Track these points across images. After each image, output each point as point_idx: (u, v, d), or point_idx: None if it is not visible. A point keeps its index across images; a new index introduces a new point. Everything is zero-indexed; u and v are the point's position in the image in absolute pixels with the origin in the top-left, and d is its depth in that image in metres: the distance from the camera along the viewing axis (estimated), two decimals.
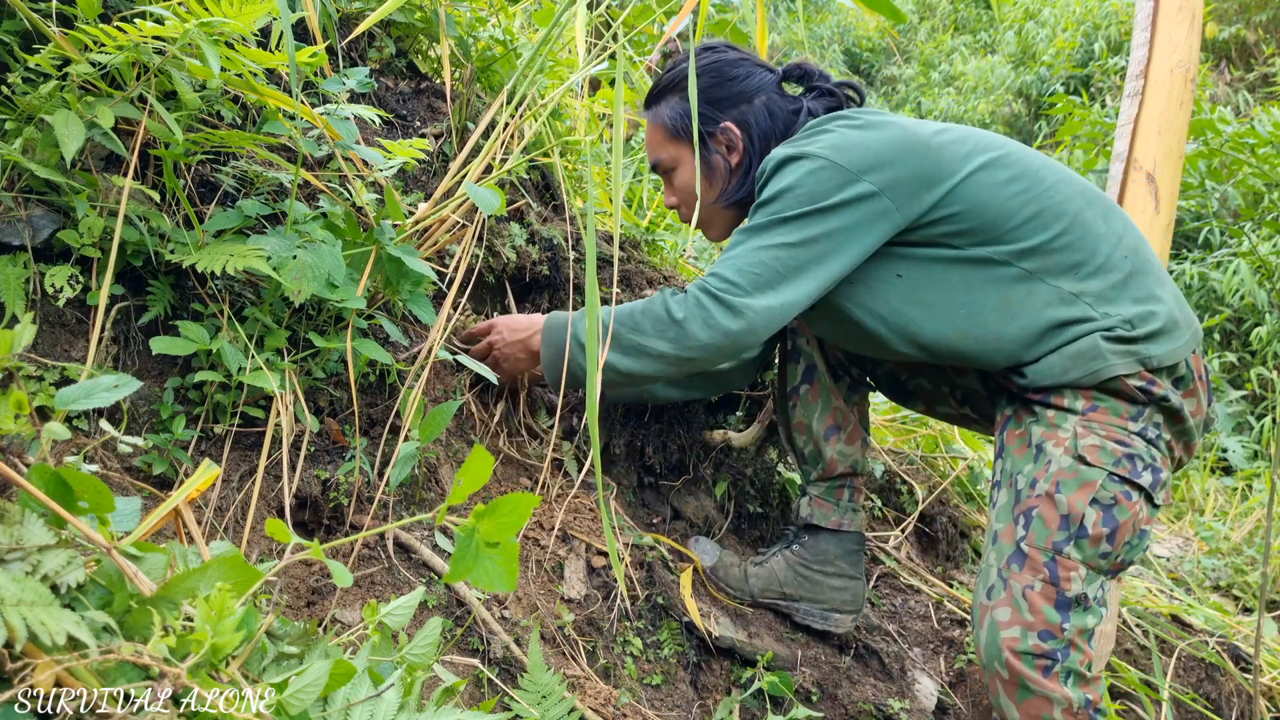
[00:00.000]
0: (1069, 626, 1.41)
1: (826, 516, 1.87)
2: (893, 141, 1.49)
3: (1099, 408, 1.46)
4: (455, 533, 0.86)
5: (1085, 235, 1.49)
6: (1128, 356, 1.44)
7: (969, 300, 1.49)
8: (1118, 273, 1.49)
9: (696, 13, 1.77)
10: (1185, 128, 1.94)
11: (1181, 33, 1.94)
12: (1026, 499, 1.47)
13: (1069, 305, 1.47)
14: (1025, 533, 1.46)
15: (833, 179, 1.46)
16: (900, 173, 1.47)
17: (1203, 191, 6.04)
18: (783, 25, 9.61)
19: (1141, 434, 1.45)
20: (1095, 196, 1.56)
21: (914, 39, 12.23)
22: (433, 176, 1.85)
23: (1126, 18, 9.03)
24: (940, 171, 1.48)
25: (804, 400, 1.87)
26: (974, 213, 1.48)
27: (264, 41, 1.45)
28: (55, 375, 1.21)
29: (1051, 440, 1.47)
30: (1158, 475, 1.46)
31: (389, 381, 1.58)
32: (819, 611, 1.85)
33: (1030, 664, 1.41)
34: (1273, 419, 4.73)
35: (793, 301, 1.47)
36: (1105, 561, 1.44)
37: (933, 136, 1.52)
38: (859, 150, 1.48)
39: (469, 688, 1.40)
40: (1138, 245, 1.54)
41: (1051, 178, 1.53)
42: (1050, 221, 1.48)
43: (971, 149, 1.52)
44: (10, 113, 1.22)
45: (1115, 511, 1.43)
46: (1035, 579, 1.43)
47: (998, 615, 1.44)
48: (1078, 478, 1.43)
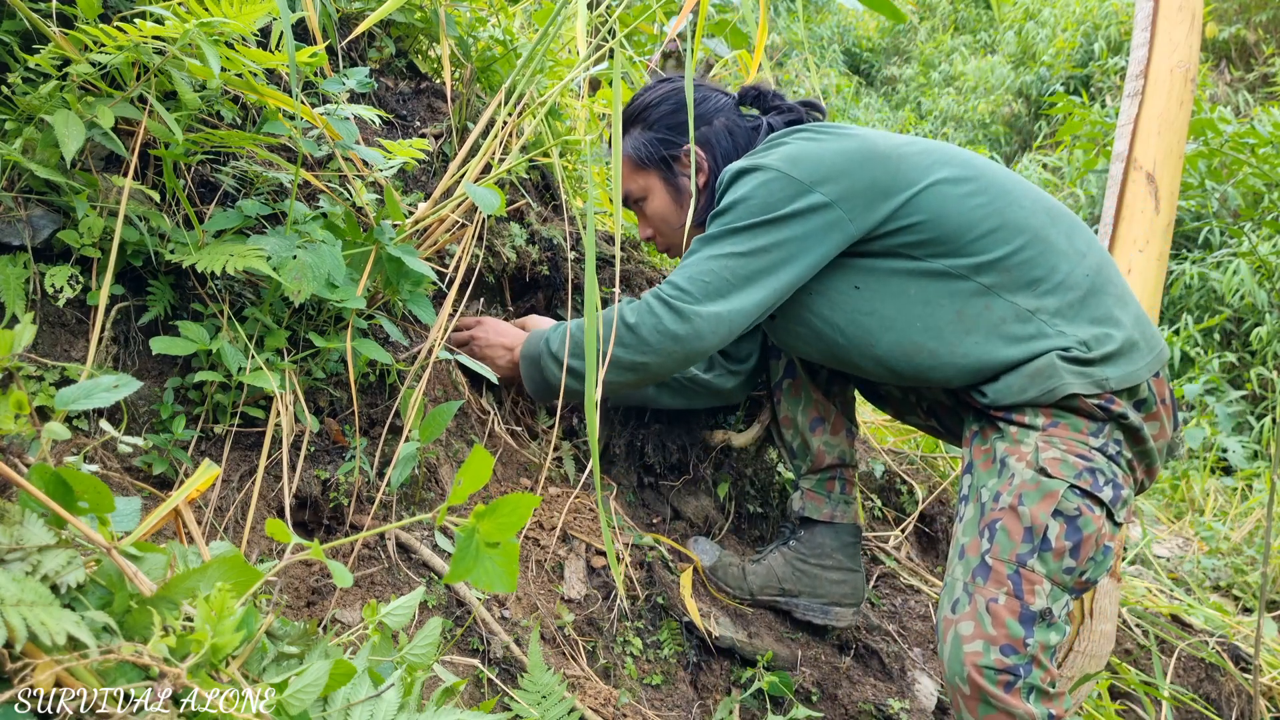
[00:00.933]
0: (1032, 641, 1.40)
1: (819, 509, 1.88)
2: (848, 152, 1.50)
3: (1059, 424, 1.46)
4: (455, 533, 0.86)
5: (1046, 251, 1.49)
6: (1083, 378, 1.44)
7: (925, 313, 1.50)
8: (1076, 291, 1.48)
9: (696, 13, 1.78)
10: (1185, 128, 1.94)
11: (1181, 33, 1.94)
12: (990, 512, 1.47)
13: (1024, 322, 1.47)
14: (990, 545, 1.45)
15: (785, 190, 1.47)
16: (854, 183, 1.48)
17: (1203, 191, 6.04)
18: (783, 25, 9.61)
19: (1102, 449, 1.45)
20: (1060, 214, 1.56)
21: (914, 39, 12.23)
22: (433, 176, 1.85)
23: (1126, 18, 9.03)
24: (897, 181, 1.49)
25: (787, 395, 1.89)
26: (933, 223, 1.48)
27: (264, 41, 1.45)
28: (55, 375, 1.21)
29: (1014, 455, 1.47)
30: (1119, 491, 1.46)
31: (389, 381, 1.58)
32: (819, 606, 1.85)
33: (992, 679, 1.39)
34: (1273, 419, 4.73)
35: (741, 309, 1.49)
36: (1070, 577, 1.43)
37: (894, 148, 1.53)
38: (812, 161, 1.49)
39: (469, 688, 1.40)
40: (1101, 265, 1.53)
41: (1016, 193, 1.53)
42: (1011, 236, 1.48)
43: (934, 161, 1.52)
44: (10, 113, 1.22)
45: (1079, 523, 1.42)
46: (999, 592, 1.42)
47: (961, 629, 1.43)
48: (1039, 489, 1.43)
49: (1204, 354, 5.32)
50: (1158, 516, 3.71)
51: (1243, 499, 3.93)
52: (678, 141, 1.72)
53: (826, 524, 1.87)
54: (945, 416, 1.73)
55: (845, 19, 11.82)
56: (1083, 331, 1.46)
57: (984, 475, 1.51)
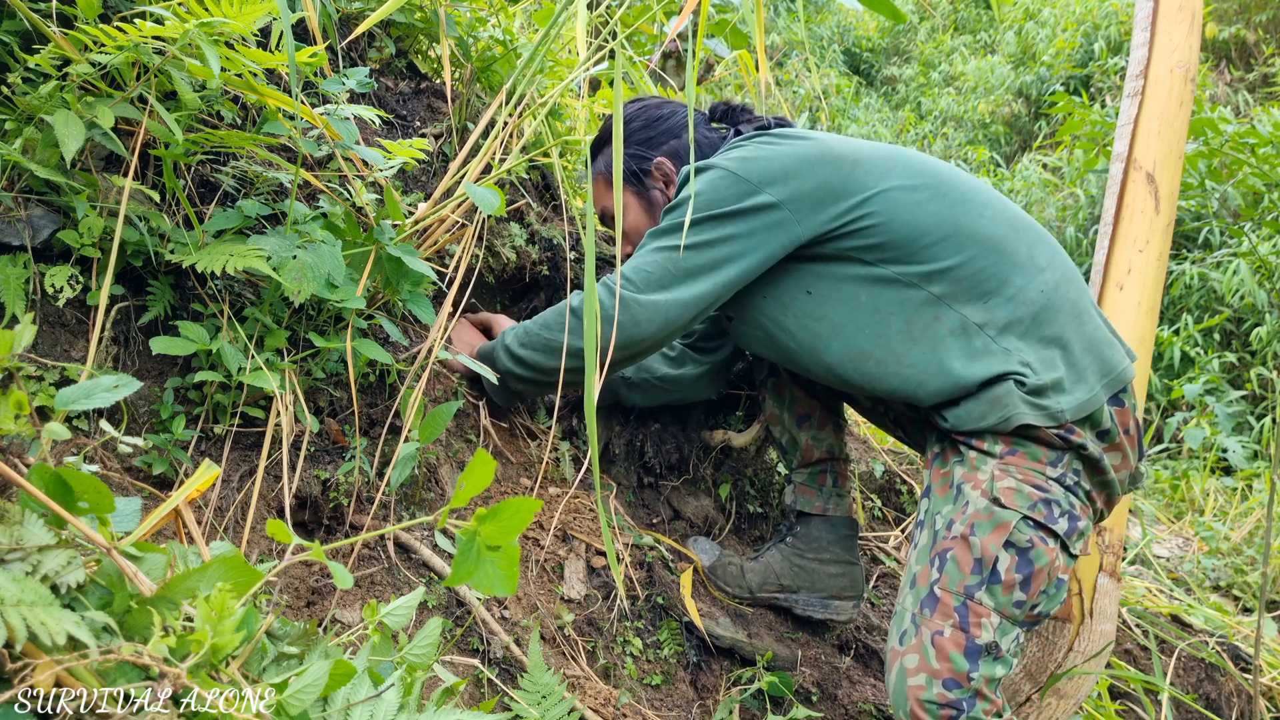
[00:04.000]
0: (977, 676, 1.38)
1: (810, 502, 1.89)
2: (800, 154, 1.50)
3: (1017, 452, 1.44)
4: (457, 536, 0.86)
5: (1000, 263, 1.47)
6: (1038, 410, 1.41)
7: (874, 320, 1.49)
8: (1028, 307, 1.46)
9: (697, 13, 1.78)
10: (1185, 128, 1.93)
11: (1181, 33, 1.94)
12: (942, 540, 1.45)
13: (971, 337, 1.45)
14: (939, 575, 1.43)
15: (732, 188, 1.49)
16: (803, 185, 1.48)
17: (1203, 191, 6.03)
18: (783, 25, 9.61)
19: (1060, 480, 1.43)
20: (1024, 226, 1.54)
21: (914, 39, 12.22)
22: (433, 176, 1.85)
23: (1126, 18, 9.03)
24: (848, 185, 1.48)
25: (772, 393, 1.90)
26: (884, 228, 1.47)
27: (264, 41, 1.45)
28: (55, 375, 1.21)
29: (970, 482, 1.45)
30: (1075, 523, 1.43)
31: (389, 381, 1.58)
32: (818, 601, 1.85)
33: (934, 714, 1.37)
34: (1273, 419, 4.73)
35: (679, 300, 1.51)
36: (1019, 611, 1.41)
37: (851, 152, 1.52)
38: (763, 162, 1.50)
39: (469, 688, 1.40)
40: (1059, 282, 1.50)
41: (976, 201, 1.51)
42: (964, 244, 1.46)
43: (891, 167, 1.51)
44: (10, 113, 1.22)
45: (1031, 556, 1.40)
46: (945, 624, 1.40)
47: (906, 662, 1.41)
48: (992, 519, 1.41)
49: (1204, 354, 5.32)
50: (1158, 516, 3.71)
51: (1243, 499, 3.93)
52: (649, 156, 1.77)
53: (820, 517, 1.88)
54: (911, 430, 1.71)
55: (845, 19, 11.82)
56: (1030, 352, 1.44)
57: (940, 501, 1.49)
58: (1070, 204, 6.90)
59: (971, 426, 1.46)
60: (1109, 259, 1.88)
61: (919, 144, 9.89)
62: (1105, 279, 1.87)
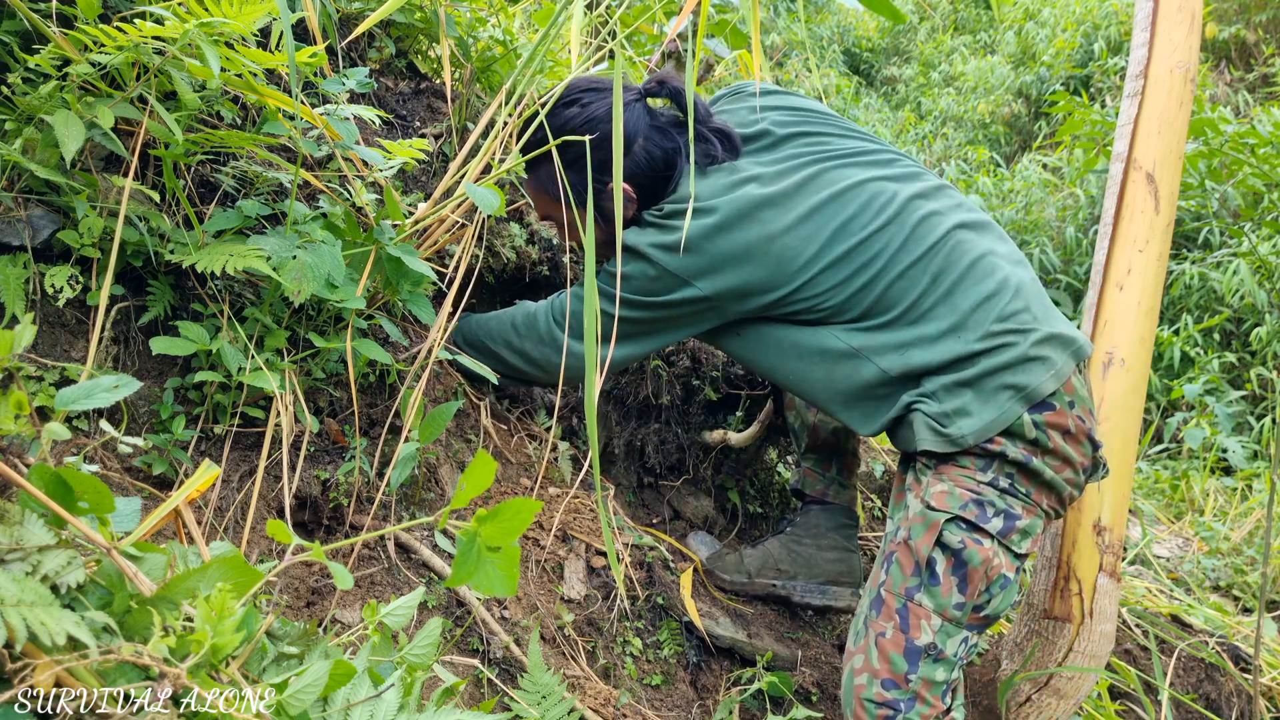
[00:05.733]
0: (915, 677, 1.41)
1: (813, 485, 1.93)
2: (731, 250, 1.47)
3: (948, 462, 1.46)
4: (457, 537, 0.86)
5: (922, 305, 1.46)
6: (940, 437, 1.43)
7: (800, 368, 1.54)
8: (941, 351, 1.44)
9: (697, 13, 1.78)
10: (1185, 128, 1.93)
11: (1181, 33, 1.94)
12: (889, 544, 1.50)
13: (889, 385, 1.48)
14: (885, 578, 1.48)
15: (664, 283, 1.51)
16: (733, 281, 1.49)
17: (1203, 191, 6.03)
18: (783, 25, 9.61)
19: (992, 484, 1.44)
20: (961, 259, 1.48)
21: (914, 39, 12.22)
22: (433, 176, 1.85)
23: (1126, 18, 9.03)
24: (776, 279, 1.48)
25: None
26: (811, 309, 1.50)
27: (264, 41, 1.44)
28: (55, 375, 1.21)
29: (913, 490, 1.50)
30: (1012, 522, 1.43)
31: (389, 381, 1.58)
32: (816, 586, 1.87)
33: (871, 713, 1.42)
34: (1273, 419, 4.73)
35: (614, 358, 1.60)
36: (960, 613, 1.43)
37: (782, 234, 1.46)
38: (694, 258, 1.48)
39: (469, 688, 1.40)
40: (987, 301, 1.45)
41: (915, 250, 1.47)
42: (890, 305, 1.46)
43: (823, 244, 1.46)
44: (10, 113, 1.22)
45: (964, 556, 1.42)
46: (888, 625, 1.44)
47: (854, 662, 1.47)
48: (924, 521, 1.44)
49: (1204, 354, 5.32)
50: (1158, 516, 3.71)
51: (1243, 499, 3.93)
52: (602, 179, 1.55)
53: (820, 505, 1.91)
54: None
55: (845, 19, 11.82)
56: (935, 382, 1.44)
57: (894, 508, 1.56)
58: (1070, 204, 6.90)
59: (905, 448, 1.53)
60: (1109, 259, 1.88)
61: (919, 144, 9.89)
62: (1105, 279, 1.87)
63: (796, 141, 1.58)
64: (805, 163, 1.54)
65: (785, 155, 1.55)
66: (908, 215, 1.49)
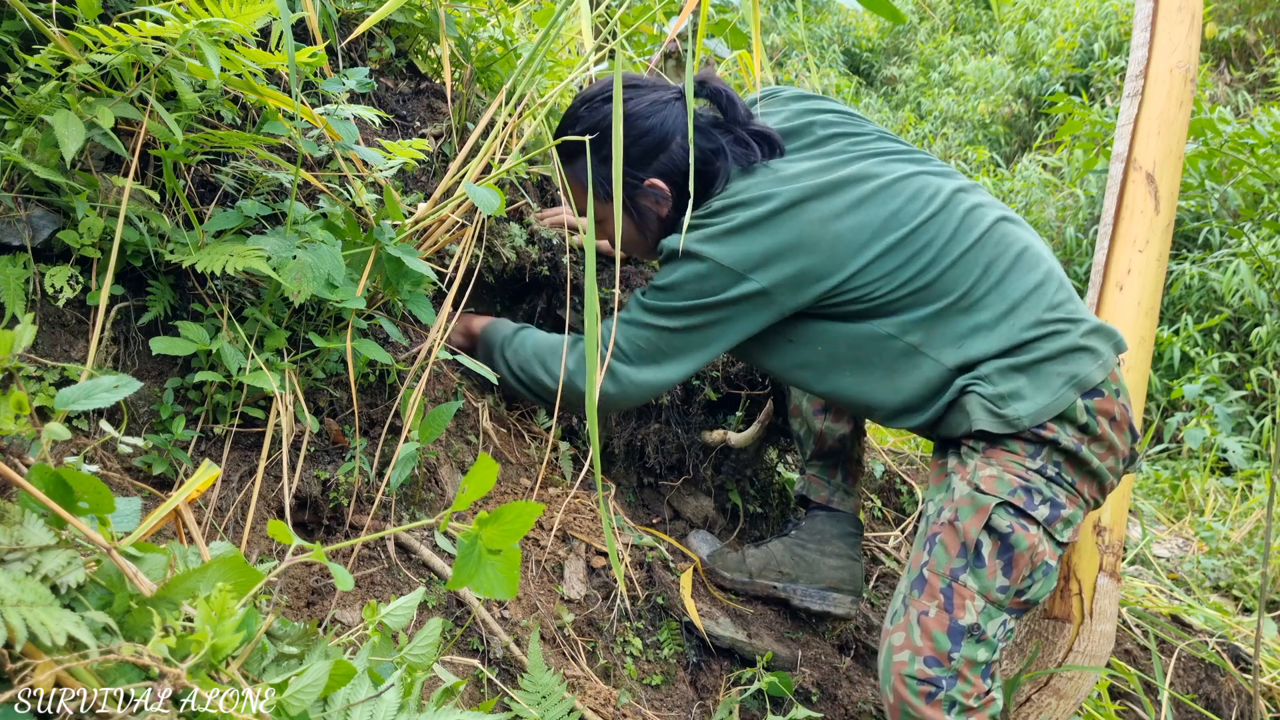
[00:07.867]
0: (958, 656, 1.43)
1: (818, 491, 1.93)
2: (786, 238, 1.48)
3: (998, 446, 1.48)
4: (458, 539, 0.86)
5: (972, 296, 1.48)
6: (997, 419, 1.45)
7: (856, 369, 1.54)
8: (998, 339, 1.47)
9: (697, 13, 1.77)
10: (1185, 128, 1.93)
11: (1181, 33, 1.94)
12: (932, 525, 1.51)
13: (947, 376, 1.50)
14: (928, 558, 1.49)
15: (719, 281, 1.49)
16: (788, 270, 1.48)
17: (1203, 191, 6.03)
18: (783, 25, 9.61)
19: (1040, 471, 1.46)
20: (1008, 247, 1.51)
21: (914, 39, 12.22)
22: (432, 176, 1.85)
23: (1126, 18, 9.03)
24: (828, 266, 1.48)
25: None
26: (863, 297, 1.50)
27: (264, 41, 1.44)
28: (55, 375, 1.21)
29: (958, 473, 1.51)
30: (1057, 510, 1.46)
31: (389, 381, 1.58)
32: (816, 592, 1.87)
33: (913, 690, 1.43)
34: (1273, 419, 4.73)
35: (669, 379, 1.58)
36: (1004, 595, 1.45)
37: (834, 220, 1.48)
38: (747, 248, 1.48)
39: (469, 688, 1.40)
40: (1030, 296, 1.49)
41: (966, 239, 1.49)
42: (940, 293, 1.48)
43: (871, 236, 1.48)
44: (10, 113, 1.22)
45: (1011, 540, 1.44)
46: (931, 604, 1.46)
47: (894, 639, 1.48)
48: (973, 504, 1.46)
49: (1204, 354, 5.32)
50: (1158, 517, 3.71)
51: (1243, 499, 3.93)
52: (638, 176, 1.59)
53: (825, 510, 1.91)
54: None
55: (845, 19, 11.82)
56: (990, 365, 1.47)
57: (935, 490, 1.56)
58: (1070, 204, 6.90)
59: (950, 433, 1.54)
60: (1109, 259, 1.88)
61: (919, 144, 9.88)
62: (1105, 279, 1.87)
63: (838, 140, 1.61)
64: (850, 159, 1.56)
65: (829, 151, 1.58)
66: (955, 206, 1.52)
